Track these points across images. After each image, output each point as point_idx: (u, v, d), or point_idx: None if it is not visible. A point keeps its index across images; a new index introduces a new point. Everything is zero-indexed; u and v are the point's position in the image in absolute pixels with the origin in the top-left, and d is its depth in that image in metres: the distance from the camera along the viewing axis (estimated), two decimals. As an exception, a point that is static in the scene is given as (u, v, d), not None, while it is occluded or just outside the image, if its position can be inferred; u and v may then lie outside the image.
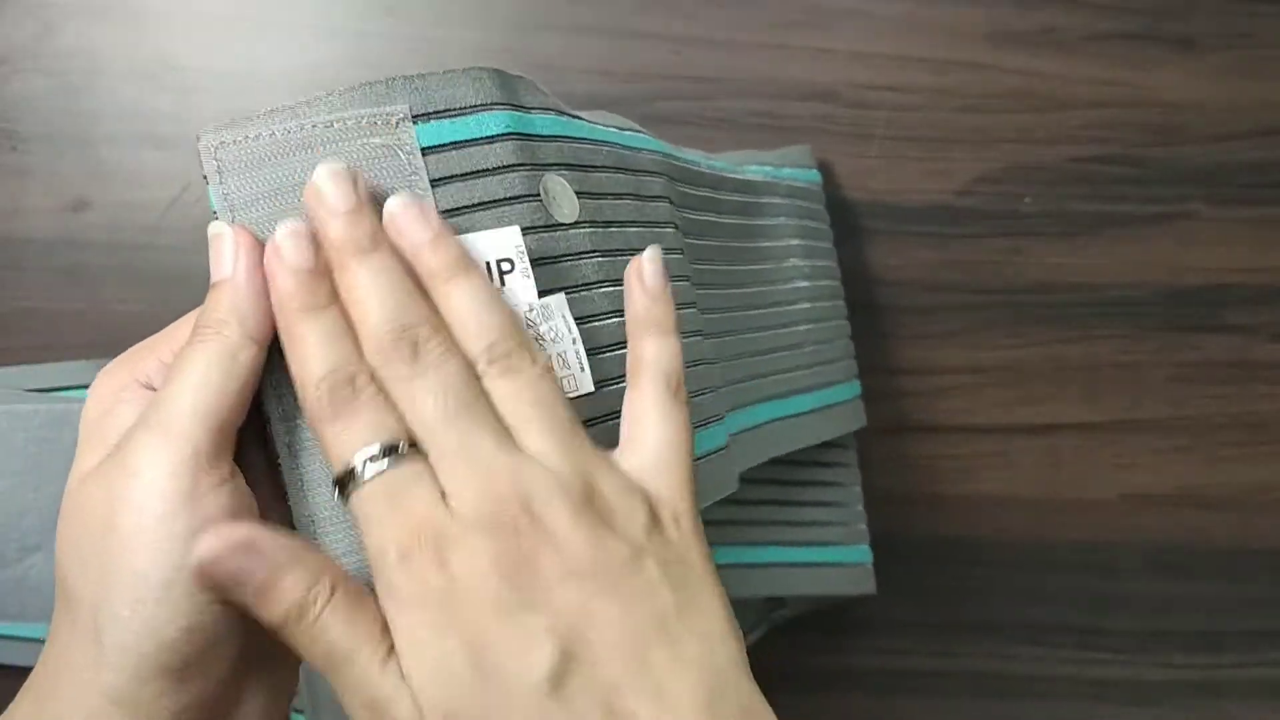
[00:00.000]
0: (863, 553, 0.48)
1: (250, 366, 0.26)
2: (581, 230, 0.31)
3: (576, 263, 0.31)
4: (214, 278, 0.27)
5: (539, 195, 0.30)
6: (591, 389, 0.29)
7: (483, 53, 0.50)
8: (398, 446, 0.25)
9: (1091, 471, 0.53)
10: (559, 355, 0.29)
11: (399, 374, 0.26)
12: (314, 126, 0.28)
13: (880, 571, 0.49)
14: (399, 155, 0.28)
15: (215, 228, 0.27)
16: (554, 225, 0.30)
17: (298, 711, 0.45)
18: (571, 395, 0.29)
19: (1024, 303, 0.53)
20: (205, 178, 0.28)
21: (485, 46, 0.50)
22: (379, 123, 0.28)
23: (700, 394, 0.34)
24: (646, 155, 0.36)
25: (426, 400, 0.26)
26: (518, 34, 0.50)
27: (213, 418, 0.25)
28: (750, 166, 0.46)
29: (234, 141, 0.28)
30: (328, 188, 0.27)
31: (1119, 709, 0.52)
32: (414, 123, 0.28)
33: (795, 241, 0.46)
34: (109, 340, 0.48)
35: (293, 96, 0.49)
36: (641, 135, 0.37)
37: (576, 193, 0.31)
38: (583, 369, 0.29)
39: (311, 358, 0.26)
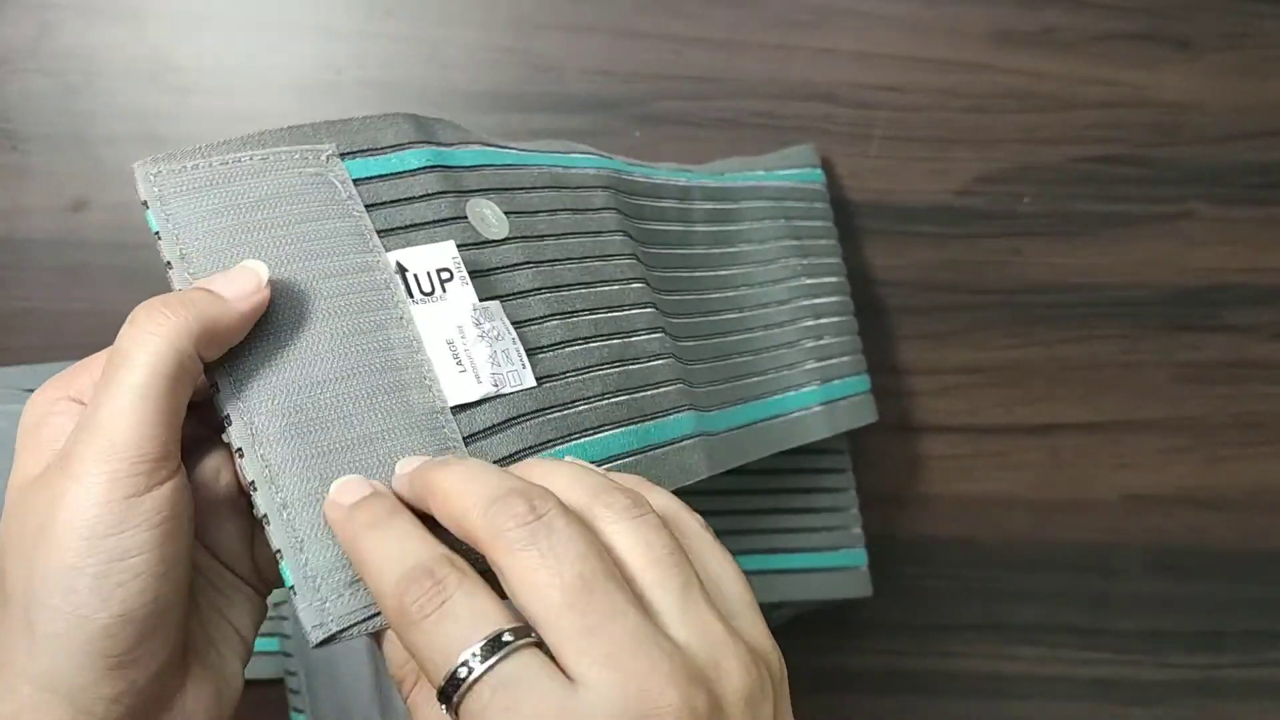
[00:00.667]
0: (858, 556, 0.48)
1: (195, 375, 0.26)
2: (512, 244, 0.33)
3: (510, 274, 0.32)
4: (212, 287, 0.27)
5: (466, 217, 0.32)
6: (534, 384, 0.31)
7: (483, 53, 0.50)
8: (501, 638, 0.22)
9: (1092, 471, 0.53)
10: (503, 351, 0.31)
11: (514, 541, 0.23)
12: (251, 159, 0.30)
13: (880, 572, 0.49)
14: (334, 185, 0.30)
15: (251, 262, 0.28)
16: (484, 242, 0.32)
17: (298, 711, 0.45)
18: (515, 389, 0.31)
19: (1024, 303, 0.53)
20: (144, 203, 0.29)
21: (485, 46, 0.50)
22: (310, 157, 0.30)
23: (668, 384, 0.35)
24: (590, 171, 0.38)
25: (556, 569, 0.22)
26: (518, 34, 0.50)
27: (155, 420, 0.25)
28: (736, 174, 0.46)
29: (170, 171, 0.29)
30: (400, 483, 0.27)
31: (1119, 709, 0.52)
32: (342, 158, 0.31)
33: (789, 241, 0.46)
34: (109, 340, 0.47)
35: (293, 98, 0.49)
36: (589, 155, 0.39)
37: (506, 212, 0.33)
38: (524, 365, 0.31)
39: (384, 566, 0.24)
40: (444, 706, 0.23)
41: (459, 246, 0.31)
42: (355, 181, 0.30)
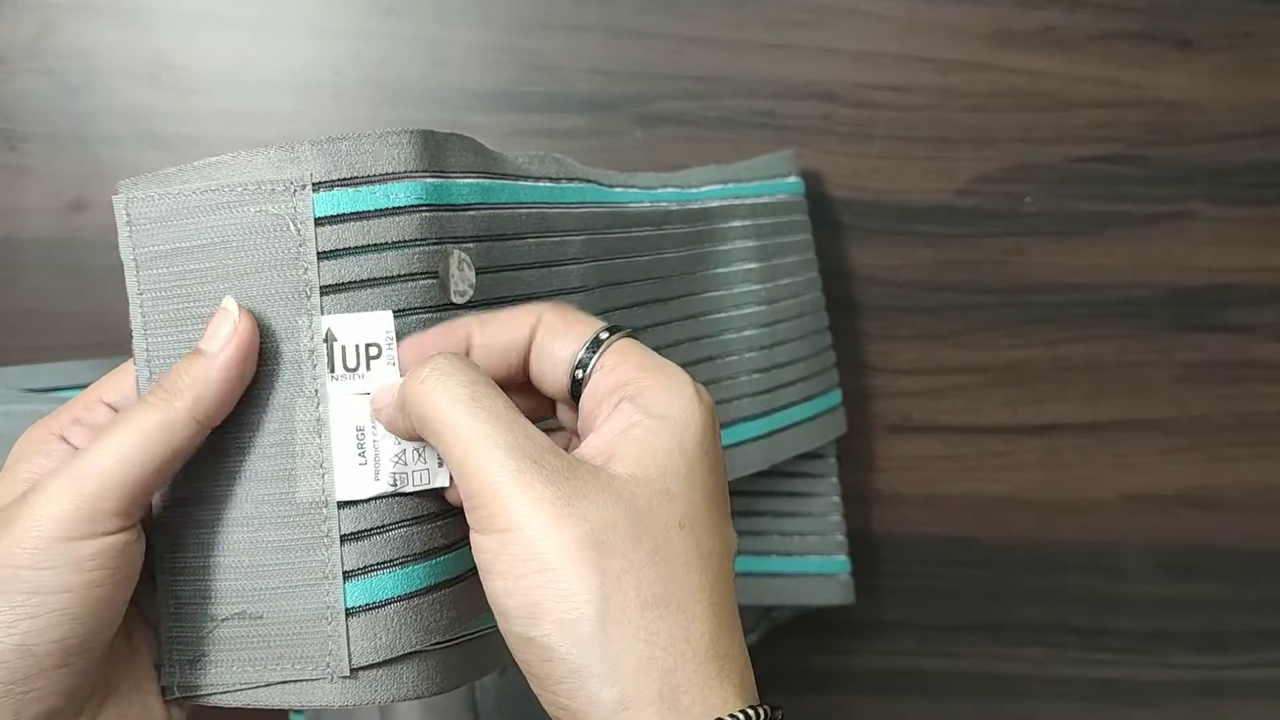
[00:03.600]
0: (840, 564, 0.47)
1: (186, 445, 0.27)
2: (469, 312, 0.31)
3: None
4: (200, 346, 0.27)
5: (436, 274, 0.30)
6: (446, 484, 0.29)
7: (482, 52, 0.50)
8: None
9: (1093, 472, 0.53)
10: (415, 449, 0.29)
11: None
12: (217, 190, 0.28)
13: (881, 572, 0.49)
14: (291, 226, 0.28)
15: (227, 302, 0.28)
16: (444, 306, 0.30)
17: (297, 712, 0.45)
18: (420, 488, 0.29)
19: (1025, 302, 0.53)
20: (119, 229, 0.29)
21: (485, 46, 0.50)
22: (279, 190, 0.28)
23: None
24: (575, 212, 0.36)
25: None
26: (518, 34, 0.50)
27: (127, 482, 0.26)
28: (710, 189, 0.45)
29: (143, 198, 0.28)
30: None
31: (1121, 709, 0.52)
32: (316, 190, 0.28)
33: (752, 265, 0.46)
34: (109, 340, 0.47)
35: (293, 98, 0.49)
36: (576, 185, 0.37)
37: (478, 269, 0.31)
38: (440, 464, 0.29)
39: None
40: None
41: (414, 310, 0.29)
42: (323, 220, 0.28)
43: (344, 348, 0.28)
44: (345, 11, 0.50)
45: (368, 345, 0.29)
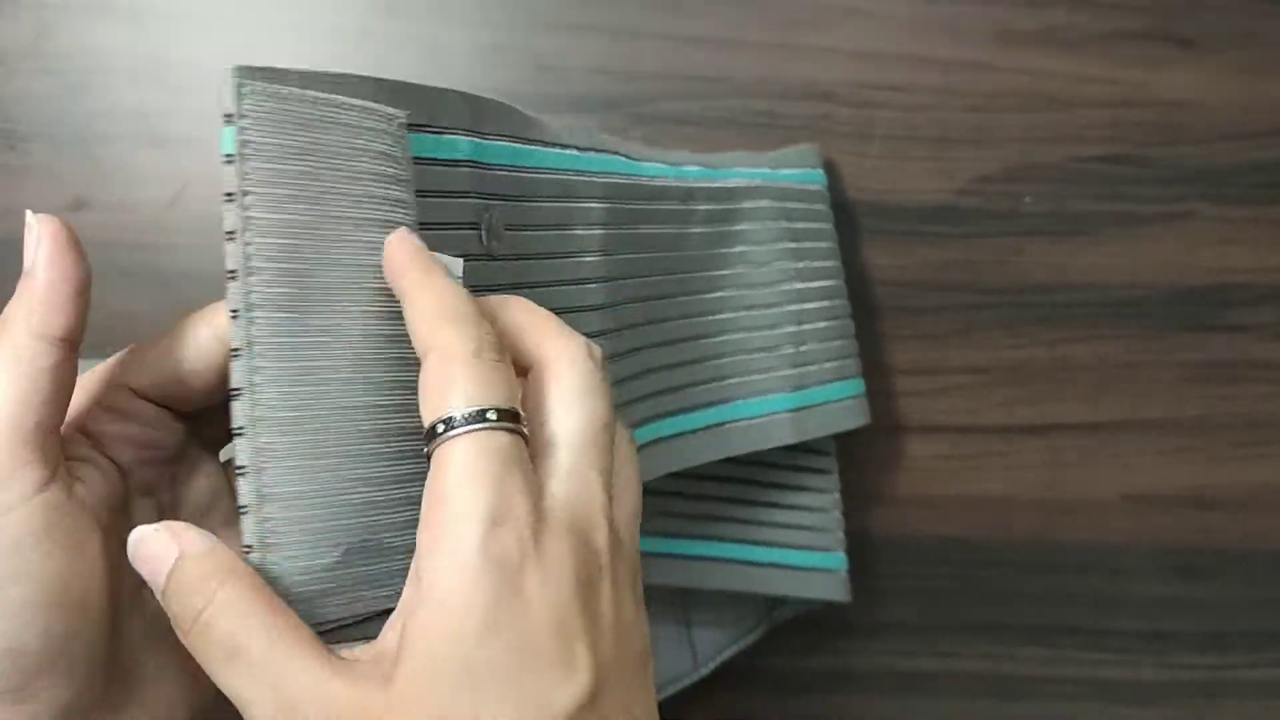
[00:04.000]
0: (837, 560, 0.47)
1: (44, 365, 0.24)
2: (499, 263, 0.33)
3: (489, 296, 0.31)
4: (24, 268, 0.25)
5: (479, 225, 0.31)
6: None
7: (483, 52, 0.50)
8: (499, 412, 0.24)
9: (1094, 472, 0.53)
10: None
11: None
12: (343, 107, 0.27)
13: (880, 572, 0.49)
14: (399, 162, 0.28)
15: (29, 217, 0.25)
16: (483, 256, 0.32)
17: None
18: None
19: (1026, 302, 0.52)
20: (226, 116, 0.26)
21: (485, 46, 0.50)
22: (382, 121, 0.28)
23: None
24: (598, 180, 0.38)
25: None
26: (518, 34, 0.50)
27: (13, 423, 0.24)
28: (738, 170, 0.46)
29: (263, 92, 0.27)
30: None
31: (1122, 709, 0.52)
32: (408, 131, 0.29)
33: (783, 244, 0.46)
34: (109, 340, 0.47)
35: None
36: (603, 156, 0.39)
37: (505, 226, 0.33)
38: None
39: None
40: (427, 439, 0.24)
41: (467, 258, 0.30)
42: (414, 160, 0.29)
43: None
44: (345, 11, 0.50)
45: None
